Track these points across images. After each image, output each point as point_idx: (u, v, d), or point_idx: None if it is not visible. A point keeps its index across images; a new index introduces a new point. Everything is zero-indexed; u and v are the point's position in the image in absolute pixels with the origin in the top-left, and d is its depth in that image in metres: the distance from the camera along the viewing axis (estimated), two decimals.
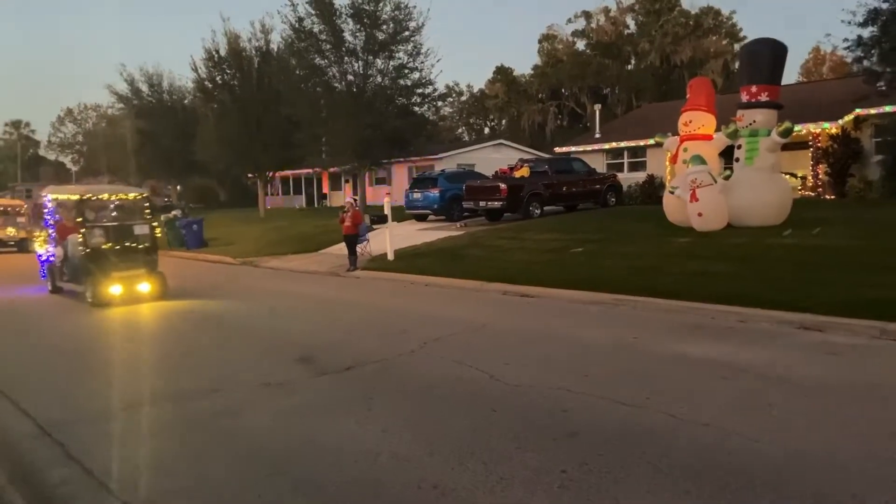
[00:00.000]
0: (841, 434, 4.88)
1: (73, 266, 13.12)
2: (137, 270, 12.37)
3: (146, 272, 12.50)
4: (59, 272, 13.94)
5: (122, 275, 12.10)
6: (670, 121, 16.55)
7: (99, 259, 12.16)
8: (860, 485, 4.06)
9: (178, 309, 11.76)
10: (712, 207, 14.72)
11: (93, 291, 12.03)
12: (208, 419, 5.78)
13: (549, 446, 4.84)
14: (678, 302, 10.10)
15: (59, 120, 63.91)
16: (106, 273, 11.99)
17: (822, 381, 6.22)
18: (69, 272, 13.43)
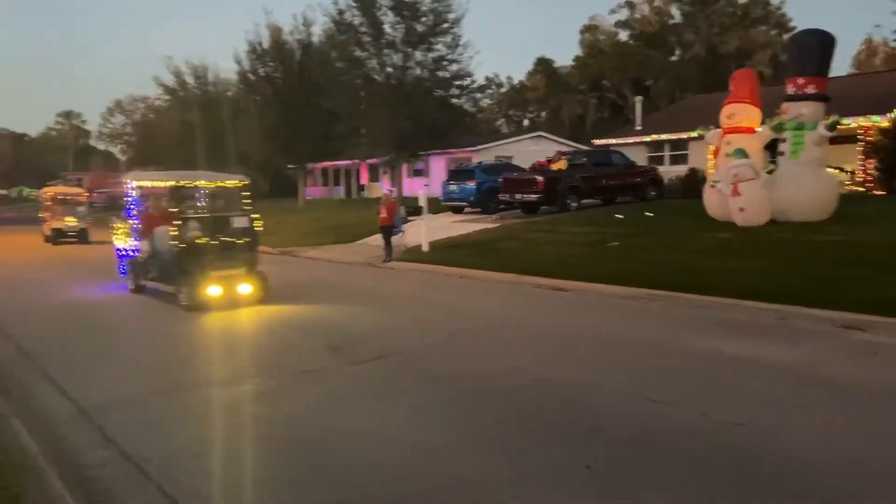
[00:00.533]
0: (877, 437, 4.75)
1: (161, 263, 11.43)
2: (237, 269, 10.72)
3: (247, 271, 10.84)
4: (142, 269, 12.27)
5: (221, 274, 10.47)
6: (714, 113, 16.15)
7: (195, 256, 10.50)
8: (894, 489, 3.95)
9: None
10: (754, 202, 14.38)
11: (188, 293, 10.41)
12: (242, 405, 5.91)
13: (574, 441, 4.81)
14: (715, 298, 9.92)
15: (109, 111, 65.69)
16: (204, 272, 10.37)
17: (860, 382, 6.05)
18: (157, 270, 11.73)
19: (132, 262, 12.69)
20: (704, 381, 6.13)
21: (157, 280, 11.80)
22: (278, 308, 10.59)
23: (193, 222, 10.81)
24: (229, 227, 10.92)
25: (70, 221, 24.98)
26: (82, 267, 17.68)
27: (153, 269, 11.88)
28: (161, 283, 11.61)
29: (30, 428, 5.33)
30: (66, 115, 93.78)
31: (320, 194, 47.95)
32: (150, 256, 11.88)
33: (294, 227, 26.33)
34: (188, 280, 10.43)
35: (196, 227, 10.70)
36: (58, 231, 24.66)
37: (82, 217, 25.52)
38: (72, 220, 25.02)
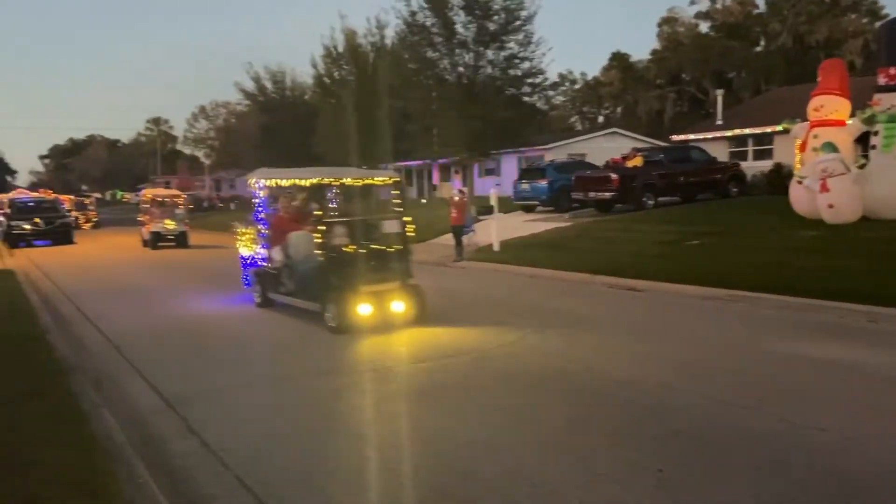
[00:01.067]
0: None
1: (299, 274, 9.69)
2: (390, 283, 8.96)
3: (400, 285, 9.05)
4: (272, 281, 10.45)
5: (372, 289, 8.70)
6: (801, 106, 15.45)
7: (343, 267, 8.84)
8: None
9: None
10: (845, 198, 13.65)
11: (337, 312, 8.56)
12: (318, 399, 6.06)
13: (648, 444, 4.71)
14: (801, 299, 9.49)
15: (194, 117, 68.66)
16: (353, 287, 8.62)
17: None
18: (292, 282, 9.93)
19: (260, 273, 10.96)
20: (786, 385, 5.87)
21: (291, 294, 9.98)
22: None
23: (339, 227, 9.24)
24: (379, 233, 9.46)
25: (169, 225, 23.83)
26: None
27: (287, 282, 10.06)
28: (297, 299, 9.80)
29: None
30: (154, 122, 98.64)
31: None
32: (284, 266, 10.13)
33: (186, 212, 26.51)
34: (334, 296, 8.65)
35: (342, 233, 9.11)
36: (156, 234, 23.65)
37: (181, 220, 24.40)
38: (171, 223, 23.88)
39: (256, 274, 11.10)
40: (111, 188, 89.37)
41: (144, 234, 24.67)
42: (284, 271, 10.14)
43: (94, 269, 18.32)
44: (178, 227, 23.91)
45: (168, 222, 23.86)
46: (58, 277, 15.88)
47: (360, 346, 8.03)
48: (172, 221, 23.92)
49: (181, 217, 24.53)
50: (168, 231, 23.84)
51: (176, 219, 24.12)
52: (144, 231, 24.71)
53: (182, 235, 24.01)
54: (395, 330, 8.64)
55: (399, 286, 9.05)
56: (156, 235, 23.64)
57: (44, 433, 4.90)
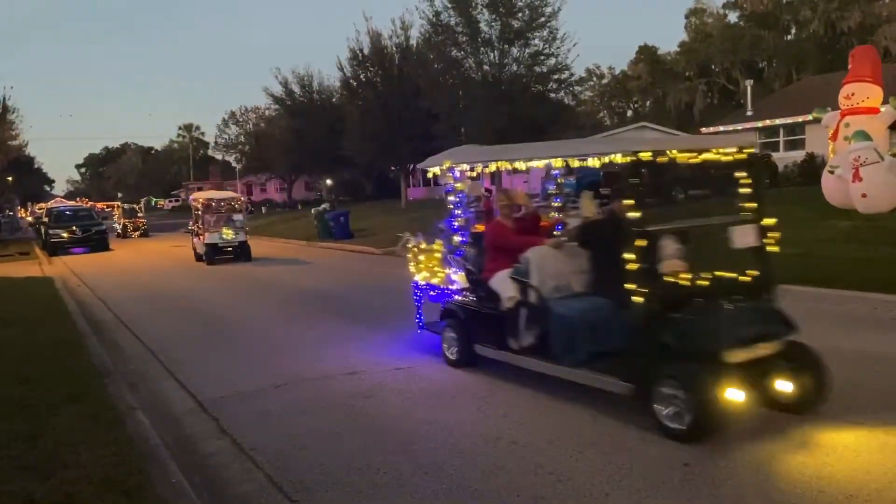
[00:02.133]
0: None
1: (560, 323, 5.75)
2: (769, 342, 5.05)
3: (784, 347, 5.10)
4: (486, 328, 6.53)
5: (747, 354, 4.87)
6: (833, 94, 15.11)
7: (690, 316, 4.99)
8: None
9: (322, 293, 12.46)
10: (879, 187, 13.32)
11: (692, 400, 4.57)
12: (345, 399, 6.14)
13: (667, 440, 4.68)
14: (835, 290, 9.33)
15: (224, 122, 69.62)
16: (716, 353, 4.77)
17: None
18: (537, 333, 5.97)
19: (460, 312, 6.98)
20: None
21: (537, 354, 5.97)
22: (381, 305, 10.88)
23: (668, 241, 5.25)
24: (728, 248, 5.32)
25: (227, 234, 19.73)
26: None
27: (527, 333, 6.07)
28: (553, 364, 5.79)
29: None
30: (186, 128, 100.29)
31: (423, 195, 48.73)
32: (519, 306, 6.12)
33: (397, 227, 26.85)
34: (683, 372, 4.75)
35: (673, 252, 5.23)
36: (213, 247, 19.56)
37: (241, 228, 20.29)
38: (229, 232, 19.78)
39: (452, 313, 7.07)
40: (145, 195, 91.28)
41: (197, 246, 20.87)
42: (521, 314, 6.11)
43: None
44: (237, 237, 19.94)
45: (226, 231, 19.81)
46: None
47: (380, 344, 8.10)
48: (231, 230, 19.89)
49: (241, 224, 20.60)
50: (226, 242, 19.85)
51: (235, 227, 20.16)
52: (197, 242, 20.87)
53: (243, 247, 20.08)
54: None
55: (782, 347, 5.10)
56: (213, 248, 19.58)
57: (80, 435, 5.06)
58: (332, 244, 24.94)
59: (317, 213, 27.84)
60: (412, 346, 7.94)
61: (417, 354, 7.55)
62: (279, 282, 15.36)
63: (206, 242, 19.64)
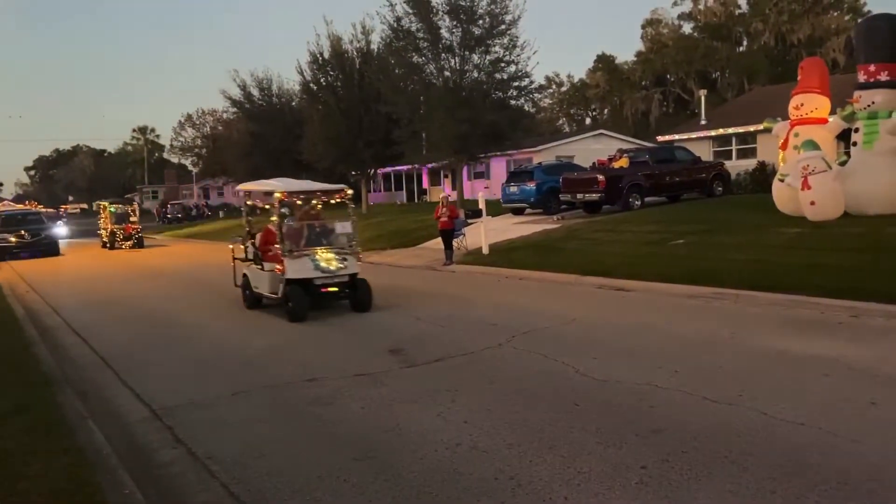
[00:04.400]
0: None
1: None
2: None
3: None
4: None
5: None
6: (784, 104, 15.60)
7: None
8: None
9: None
10: (826, 195, 13.79)
11: None
12: (304, 406, 6.08)
13: (631, 441, 4.76)
14: (784, 295, 9.60)
15: (180, 125, 68.34)
16: None
17: None
18: None
19: None
20: (767, 381, 5.94)
21: None
22: (341, 311, 10.81)
23: None
24: None
25: (329, 261, 10.63)
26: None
27: None
28: None
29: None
30: (140, 130, 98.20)
31: (383, 200, 48.61)
32: None
33: (358, 232, 26.75)
34: None
35: None
36: (305, 287, 10.43)
37: (351, 246, 11.10)
38: (330, 258, 10.66)
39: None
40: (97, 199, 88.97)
41: (259, 281, 11.41)
42: None
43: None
44: (347, 265, 10.75)
45: (325, 256, 10.62)
46: None
47: (340, 351, 8.06)
48: (333, 255, 10.69)
49: (351, 237, 11.26)
50: (330, 275, 10.60)
51: (342, 243, 11.07)
52: (257, 274, 11.50)
53: (360, 286, 10.90)
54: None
55: None
56: (304, 289, 10.42)
57: (29, 445, 4.90)
58: None
59: None
60: (373, 353, 7.91)
61: (379, 361, 7.52)
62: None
63: (290, 277, 10.37)
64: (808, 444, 4.54)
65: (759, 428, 4.86)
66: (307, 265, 10.30)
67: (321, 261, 10.44)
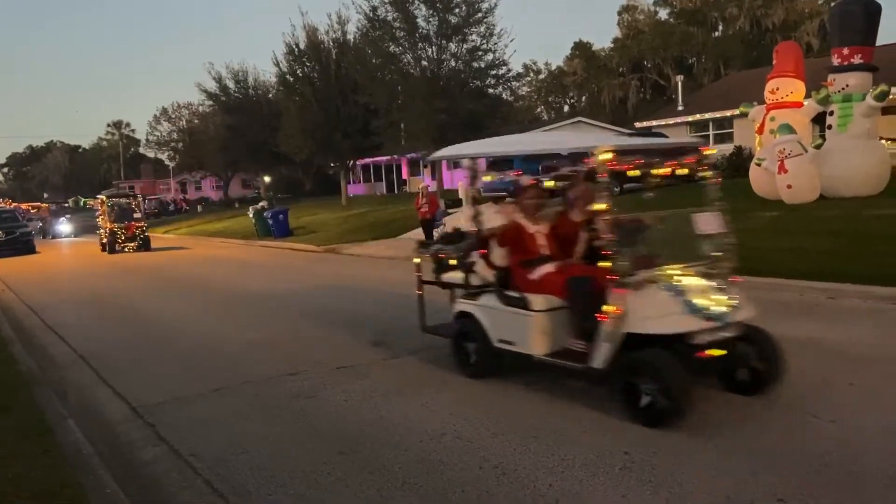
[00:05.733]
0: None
1: None
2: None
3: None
4: None
5: None
6: (760, 89, 15.75)
7: None
8: None
9: (260, 294, 12.24)
10: (802, 178, 13.97)
11: None
12: (287, 401, 6.05)
13: (615, 428, 4.80)
14: (762, 279, 9.68)
15: (156, 119, 67.27)
16: None
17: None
18: None
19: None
20: None
21: None
22: (322, 304, 10.76)
23: None
24: None
25: (709, 295, 5.16)
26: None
27: None
28: None
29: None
30: (115, 125, 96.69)
31: (363, 191, 48.42)
32: None
33: (337, 224, 26.70)
34: None
35: None
36: (668, 342, 4.81)
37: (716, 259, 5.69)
38: (707, 290, 5.24)
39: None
40: (73, 194, 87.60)
41: (530, 334, 5.58)
42: None
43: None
44: (738, 303, 5.36)
45: (693, 284, 5.24)
46: None
47: (323, 344, 8.03)
48: (705, 281, 5.34)
49: (721, 241, 5.82)
50: (719, 322, 5.00)
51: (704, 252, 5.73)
52: (537, 323, 5.56)
53: (760, 341, 5.44)
54: None
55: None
56: (672, 351, 4.79)
57: (9, 447, 4.83)
58: (272, 242, 24.54)
59: (255, 211, 27.36)
60: (356, 346, 7.89)
61: (362, 353, 7.50)
62: (216, 282, 15.00)
63: (640, 330, 4.87)
64: (788, 426, 4.60)
65: (740, 410, 4.92)
66: (670, 304, 4.94)
67: (692, 294, 5.06)
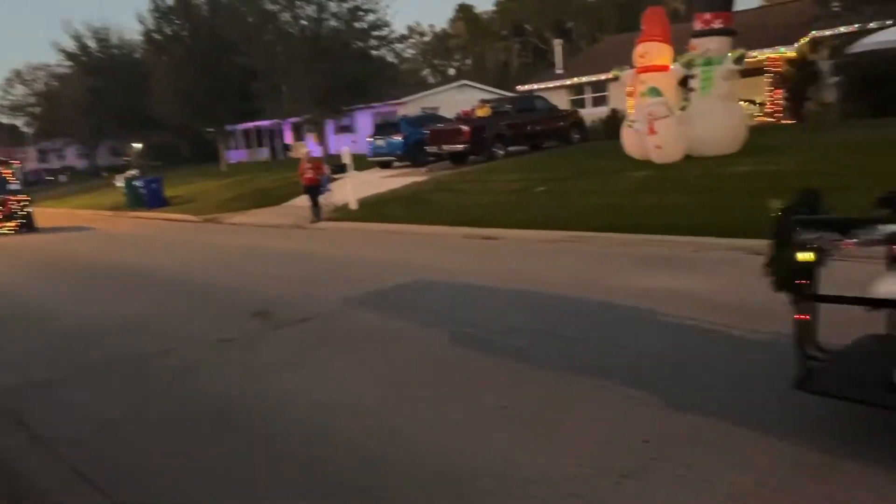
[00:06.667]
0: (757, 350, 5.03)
1: None
2: None
3: None
4: None
5: None
6: (632, 53, 16.38)
7: None
8: None
9: (132, 268, 11.60)
10: (670, 139, 14.74)
11: None
12: (163, 378, 5.78)
13: (500, 384, 4.92)
14: (636, 235, 10.20)
15: (8, 83, 61.41)
16: None
17: (763, 305, 6.33)
18: None
19: None
20: (620, 316, 6.33)
21: None
22: (203, 276, 10.33)
23: None
24: None
25: None
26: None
27: None
28: None
29: None
30: None
31: (244, 157, 46.60)
32: None
33: (217, 192, 25.61)
34: None
35: None
36: None
37: None
38: None
39: None
40: None
41: None
42: None
43: None
44: None
45: None
46: None
47: (203, 317, 7.73)
48: None
49: None
50: None
51: None
52: None
53: None
54: None
55: None
56: None
57: None
58: (145, 213, 23.23)
59: (125, 180, 25.76)
60: (238, 317, 7.63)
61: (244, 325, 7.27)
62: (83, 257, 14.03)
63: None
64: (655, 370, 4.89)
65: (613, 358, 5.17)
66: None
67: None
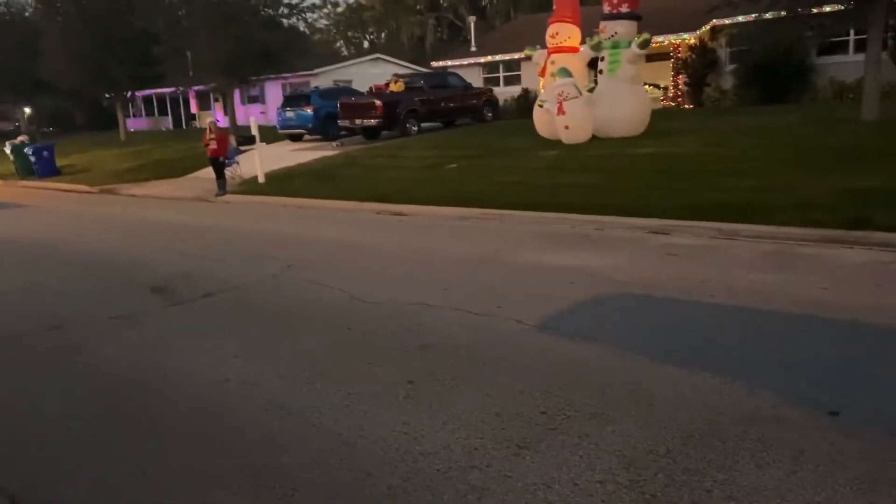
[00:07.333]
0: (670, 330, 5.29)
1: None
2: None
3: None
4: None
5: None
6: (544, 33, 16.61)
7: None
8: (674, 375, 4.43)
9: (18, 240, 10.89)
10: (578, 120, 15.11)
11: None
12: (49, 356, 5.48)
13: (401, 359, 4.95)
14: (543, 213, 10.43)
15: None
16: None
17: (657, 281, 6.65)
18: None
19: None
20: (523, 292, 6.47)
21: None
22: (97, 249, 9.81)
23: None
24: None
25: None
26: None
27: None
28: None
29: None
30: None
31: (145, 126, 44.39)
32: None
33: (115, 162, 24.33)
34: None
35: None
36: None
37: None
38: None
39: None
40: None
41: None
42: None
43: None
44: None
45: None
46: None
47: (96, 293, 7.36)
48: None
49: None
50: None
51: None
52: None
53: None
54: None
55: None
56: None
57: None
58: (36, 183, 21.84)
59: (13, 146, 24.02)
60: (133, 293, 7.31)
61: (139, 301, 6.98)
62: None
63: None
64: (551, 345, 5.04)
65: (515, 334, 5.30)
66: None
67: None
